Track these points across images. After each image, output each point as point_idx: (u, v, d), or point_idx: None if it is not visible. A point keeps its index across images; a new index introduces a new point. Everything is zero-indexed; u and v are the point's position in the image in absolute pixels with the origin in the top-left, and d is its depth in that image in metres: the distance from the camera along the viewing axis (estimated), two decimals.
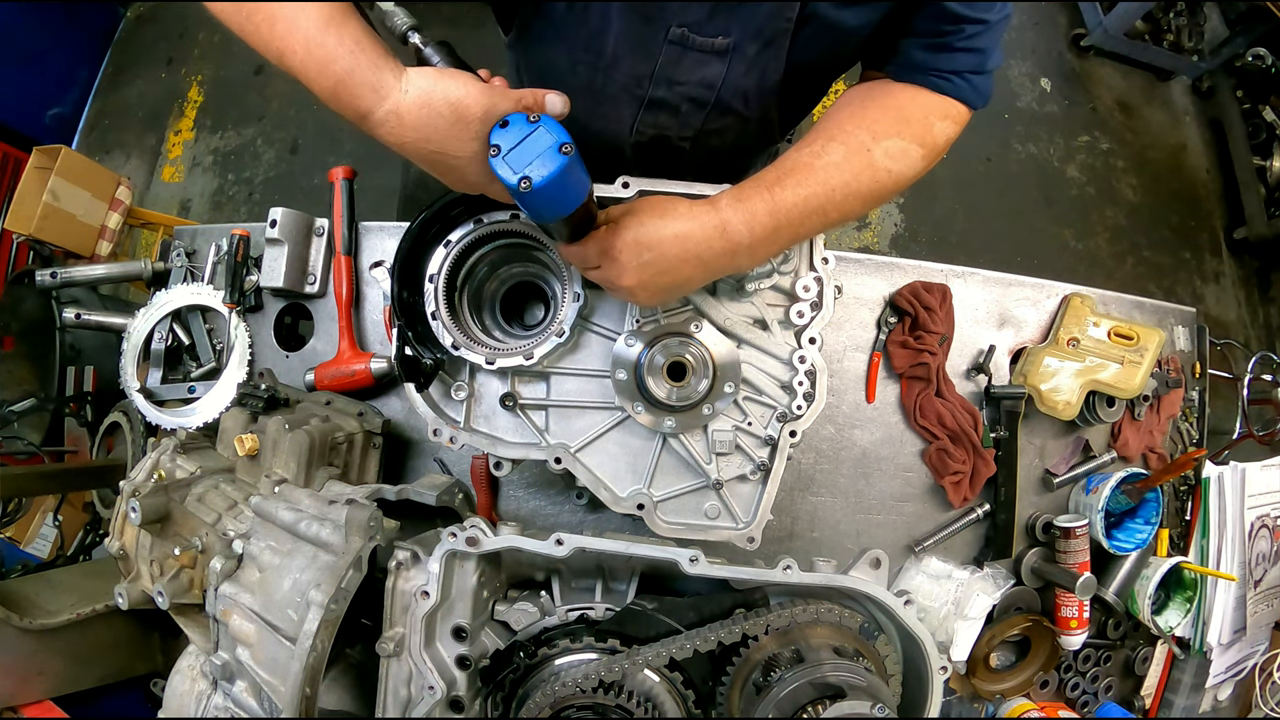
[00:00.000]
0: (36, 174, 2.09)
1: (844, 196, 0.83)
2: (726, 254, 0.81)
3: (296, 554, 0.84)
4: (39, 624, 1.06)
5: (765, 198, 0.80)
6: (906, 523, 1.27)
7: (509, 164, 0.66)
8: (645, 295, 0.82)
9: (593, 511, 1.21)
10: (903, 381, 1.26)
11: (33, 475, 1.36)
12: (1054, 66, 3.25)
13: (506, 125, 0.68)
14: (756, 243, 0.81)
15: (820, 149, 0.83)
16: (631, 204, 0.83)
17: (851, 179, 0.83)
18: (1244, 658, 1.43)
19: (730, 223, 0.79)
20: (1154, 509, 1.30)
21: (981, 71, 0.91)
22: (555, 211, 0.72)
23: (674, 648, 0.84)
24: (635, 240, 0.78)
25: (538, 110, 0.70)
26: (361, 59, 0.67)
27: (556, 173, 0.66)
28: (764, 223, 0.80)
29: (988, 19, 0.86)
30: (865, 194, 0.84)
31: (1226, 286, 3.16)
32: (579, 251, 0.82)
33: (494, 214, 0.93)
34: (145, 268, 1.32)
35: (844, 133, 0.85)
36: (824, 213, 0.83)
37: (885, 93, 0.90)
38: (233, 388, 1.19)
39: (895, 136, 0.85)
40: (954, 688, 1.27)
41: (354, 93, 0.67)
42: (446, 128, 0.68)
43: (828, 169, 0.82)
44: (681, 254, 0.79)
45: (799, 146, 0.85)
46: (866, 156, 0.84)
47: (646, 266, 0.79)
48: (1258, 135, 3.11)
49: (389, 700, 0.87)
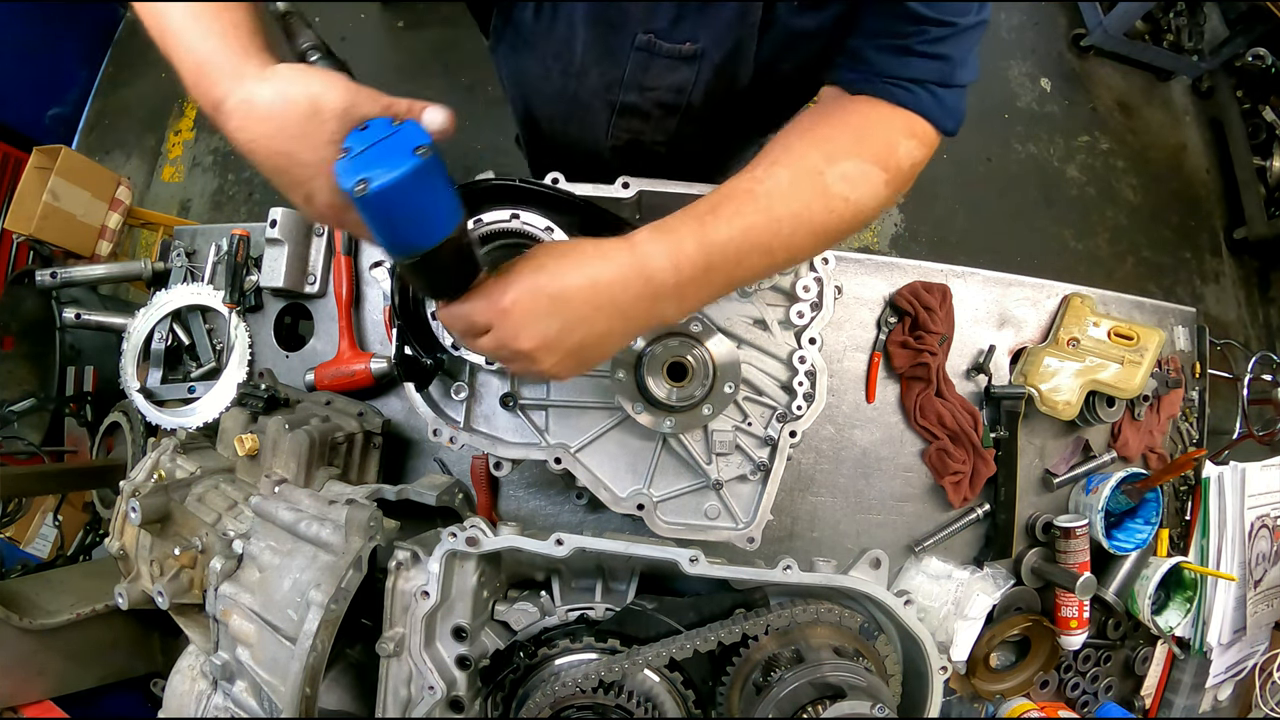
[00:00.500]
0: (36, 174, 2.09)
1: (792, 229, 0.69)
2: (649, 299, 0.66)
3: (296, 554, 0.84)
4: (39, 624, 1.06)
5: (694, 230, 0.67)
6: (906, 523, 1.27)
7: (353, 164, 0.54)
8: (552, 361, 0.67)
9: (593, 511, 1.21)
10: (903, 381, 1.26)
11: (33, 475, 1.36)
12: (1054, 66, 3.25)
13: (366, 128, 0.57)
14: (685, 285, 0.67)
15: (763, 174, 0.70)
16: (525, 253, 0.69)
17: (801, 208, 0.70)
18: (1244, 658, 1.43)
19: (651, 261, 0.66)
20: (1154, 509, 1.30)
21: (948, 84, 0.78)
22: (409, 237, 0.57)
23: (674, 648, 0.84)
24: (533, 290, 0.64)
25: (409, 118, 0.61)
26: (228, 43, 0.61)
27: (403, 176, 0.52)
28: (693, 260, 0.66)
29: (956, 22, 0.74)
30: (818, 227, 0.71)
31: (1226, 286, 3.16)
32: (460, 312, 0.66)
33: (494, 214, 0.93)
34: (145, 268, 1.32)
35: (791, 154, 0.72)
36: (768, 250, 0.69)
37: (840, 108, 0.78)
38: (233, 388, 1.19)
39: (853, 157, 0.72)
40: (954, 688, 1.27)
41: (211, 78, 0.60)
42: (299, 123, 0.58)
43: (772, 197, 0.69)
44: (593, 303, 0.65)
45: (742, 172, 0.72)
46: (819, 181, 0.70)
47: (550, 320, 0.64)
48: (1258, 135, 3.11)
49: (389, 700, 0.87)
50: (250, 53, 0.61)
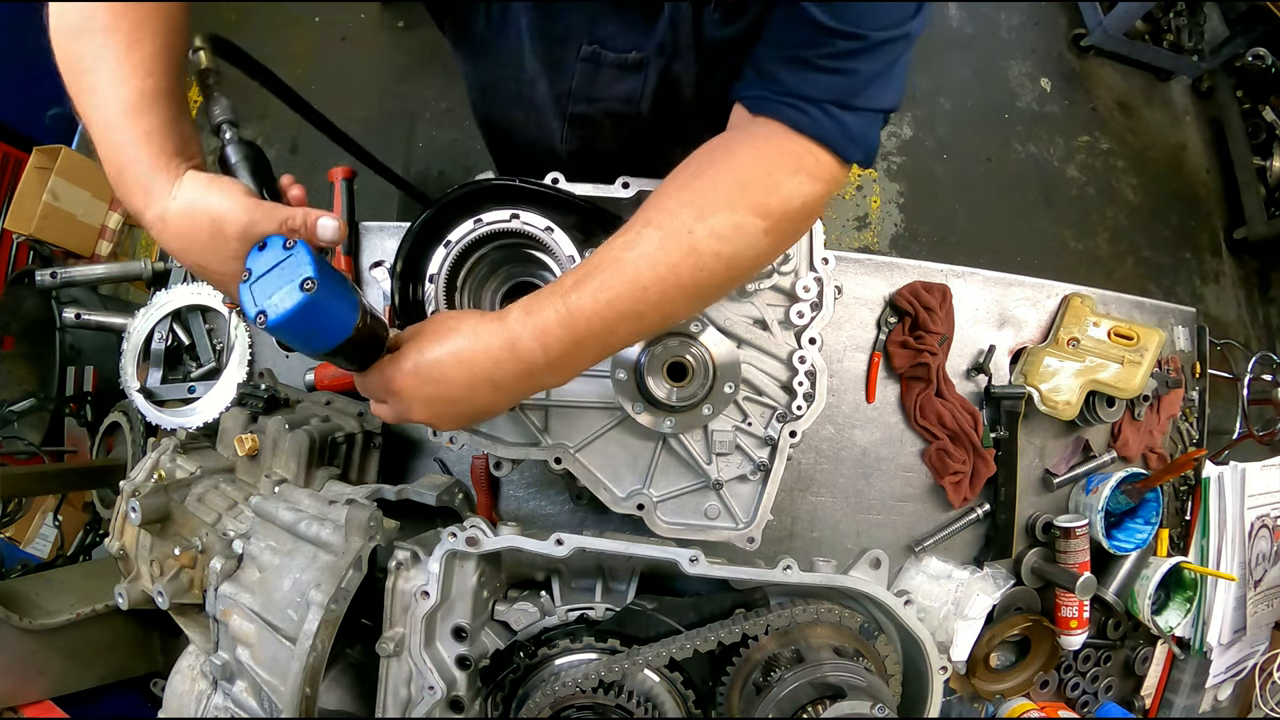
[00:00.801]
0: (36, 174, 2.09)
1: (660, 295, 0.68)
2: (523, 375, 0.69)
3: (296, 554, 0.84)
4: (39, 624, 1.06)
5: (559, 307, 0.67)
6: (906, 523, 1.27)
7: (253, 293, 0.61)
8: (445, 425, 0.74)
9: (593, 511, 1.21)
10: (903, 381, 1.26)
11: (33, 475, 1.36)
12: (1054, 66, 3.25)
13: (264, 248, 0.62)
14: (555, 360, 0.69)
15: (634, 237, 0.69)
16: (418, 325, 0.73)
17: (668, 272, 0.68)
18: (1244, 658, 1.43)
19: (519, 339, 0.68)
20: (1154, 509, 1.30)
21: (849, 106, 0.70)
22: (310, 346, 0.64)
23: (674, 648, 0.83)
24: (415, 370, 0.69)
25: (305, 234, 0.65)
26: (142, 155, 0.64)
27: (294, 310, 0.59)
28: (558, 337, 0.68)
29: (866, 35, 0.67)
30: (689, 286, 0.69)
31: (1226, 286, 3.16)
32: (365, 386, 0.73)
33: (494, 214, 0.93)
34: (145, 268, 1.32)
35: (664, 213, 0.70)
36: (638, 316, 0.69)
37: (727, 151, 0.73)
38: (233, 388, 1.19)
39: (725, 210, 0.69)
40: (954, 688, 1.27)
41: (128, 189, 0.65)
42: (206, 241, 0.65)
43: (639, 263, 0.68)
44: (469, 380, 0.69)
45: (617, 234, 0.71)
46: (688, 241, 0.68)
47: (432, 400, 0.70)
48: (1258, 135, 3.12)
49: (389, 700, 0.86)
50: (159, 166, 0.65)
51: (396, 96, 2.83)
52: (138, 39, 0.65)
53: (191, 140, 0.69)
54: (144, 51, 0.65)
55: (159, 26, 0.66)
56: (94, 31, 0.64)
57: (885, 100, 0.73)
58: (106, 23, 0.64)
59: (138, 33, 0.65)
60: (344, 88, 2.86)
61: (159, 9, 0.66)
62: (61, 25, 0.65)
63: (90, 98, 0.65)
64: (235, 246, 0.64)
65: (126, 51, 0.64)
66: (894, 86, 0.73)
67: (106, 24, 0.64)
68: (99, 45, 0.64)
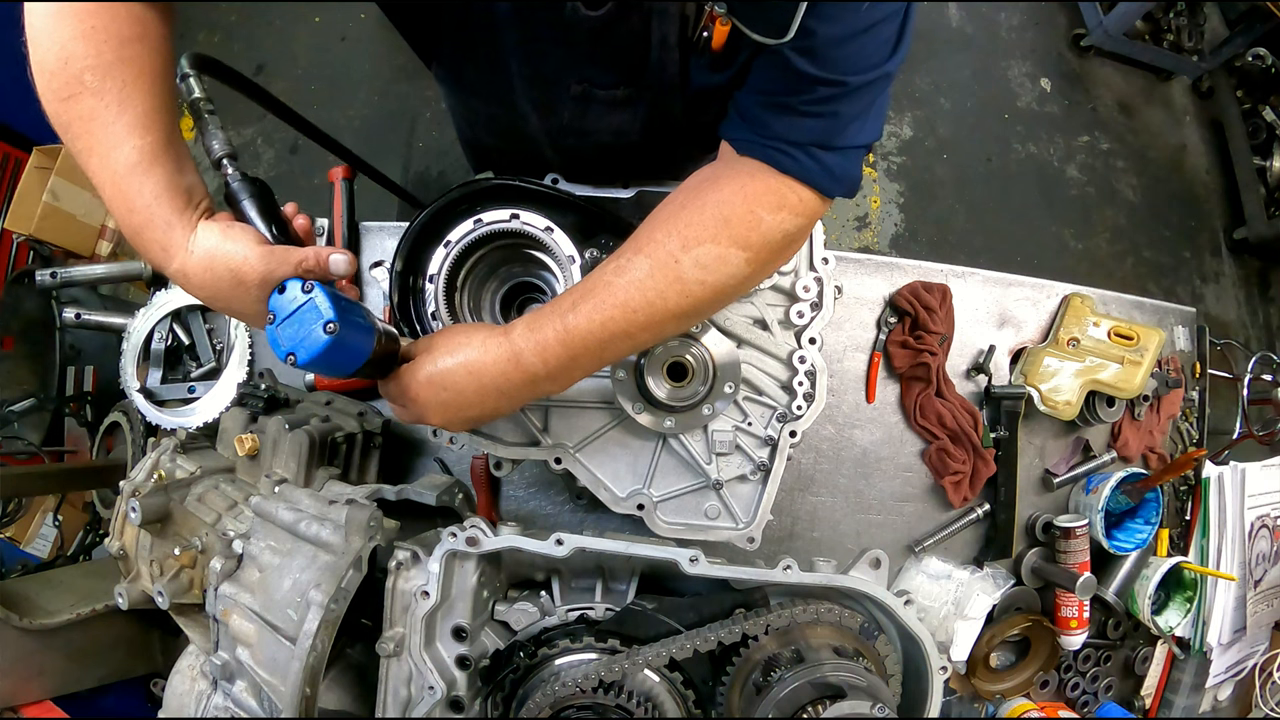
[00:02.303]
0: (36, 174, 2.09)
1: (648, 317, 0.74)
2: (526, 384, 0.77)
3: (296, 554, 0.84)
4: (39, 624, 1.06)
5: (557, 326, 0.74)
6: (906, 523, 1.27)
7: (280, 336, 0.67)
8: (457, 428, 0.82)
9: (593, 511, 1.21)
10: (903, 381, 1.26)
11: (33, 475, 1.36)
12: (1054, 66, 3.25)
13: (284, 290, 0.68)
14: (554, 373, 0.76)
15: (625, 263, 0.75)
16: (431, 337, 0.80)
17: (656, 297, 0.74)
18: (1244, 658, 1.43)
19: (523, 353, 0.75)
20: (1154, 509, 1.30)
21: (831, 146, 0.73)
22: (334, 372, 0.73)
23: (674, 648, 0.83)
24: (428, 379, 0.76)
25: (319, 274, 0.70)
26: (156, 215, 0.67)
27: (319, 351, 0.66)
28: (556, 352, 0.75)
29: (845, 81, 0.69)
30: (675, 311, 0.75)
31: (1226, 286, 3.16)
32: (386, 390, 0.80)
33: (494, 214, 0.93)
34: (145, 268, 1.32)
35: (653, 243, 0.75)
36: (629, 335, 0.75)
37: (713, 185, 0.76)
38: (233, 388, 1.19)
39: (709, 243, 0.73)
40: (954, 688, 1.27)
41: (147, 247, 0.69)
42: (229, 290, 0.69)
43: (629, 288, 0.74)
44: (479, 388, 0.76)
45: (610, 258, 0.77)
46: (674, 270, 0.73)
47: (446, 405, 0.77)
48: (1258, 135, 3.11)
49: (389, 700, 0.87)
50: (173, 224, 0.68)
51: (396, 96, 2.83)
52: (128, 97, 0.65)
53: (197, 187, 0.72)
54: (137, 110, 0.66)
55: (148, 80, 0.67)
56: (83, 95, 0.65)
57: (865, 137, 0.76)
58: (94, 86, 0.64)
59: (127, 91, 0.65)
60: (344, 88, 2.86)
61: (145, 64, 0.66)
62: (49, 90, 0.66)
63: (91, 160, 0.66)
64: (256, 293, 0.69)
65: (119, 113, 0.65)
66: (874, 123, 0.76)
67: (95, 87, 0.64)
68: (90, 108, 0.65)
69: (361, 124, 2.80)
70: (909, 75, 3.04)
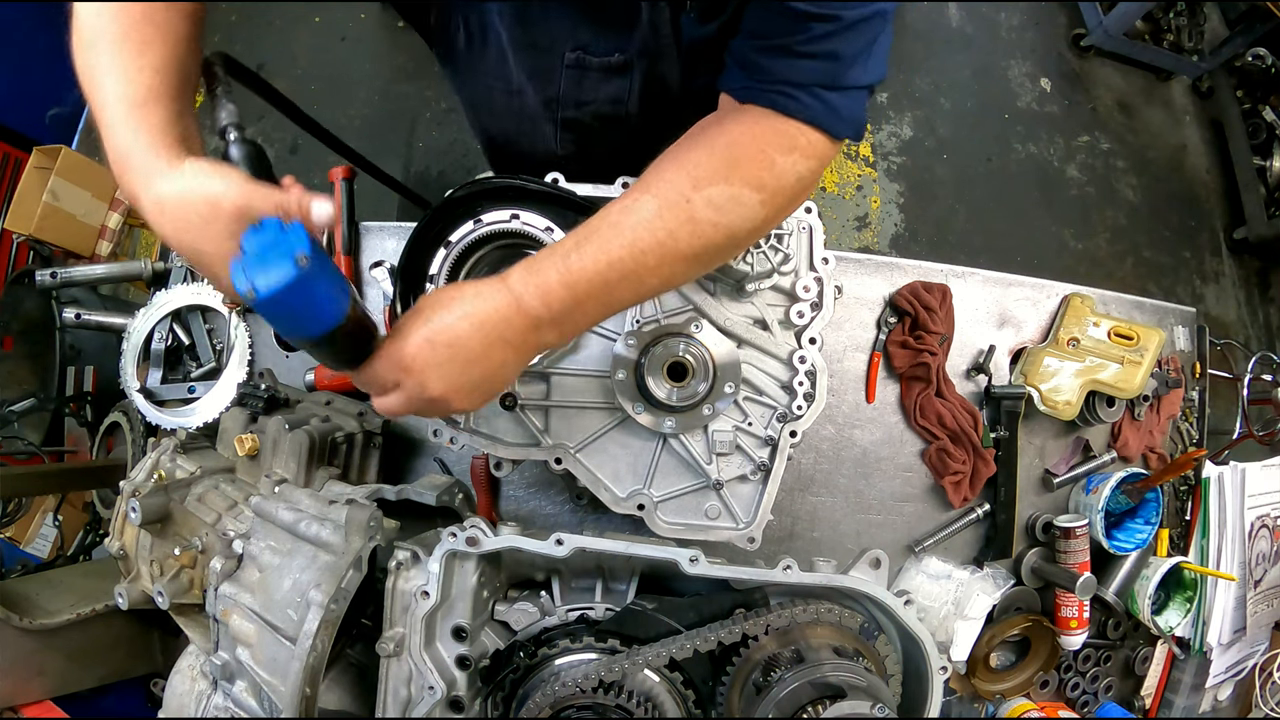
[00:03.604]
0: (36, 174, 2.09)
1: (659, 259, 0.71)
2: (530, 330, 0.71)
3: (296, 554, 0.84)
4: (39, 624, 1.06)
5: (559, 267, 0.70)
6: (906, 523, 1.27)
7: (245, 269, 0.60)
8: (462, 399, 0.72)
9: (593, 511, 1.21)
10: (903, 381, 1.26)
11: (33, 475, 1.36)
12: (1054, 66, 3.24)
13: (260, 227, 0.61)
14: (558, 317, 0.71)
15: (631, 203, 0.71)
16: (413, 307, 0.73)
17: (666, 237, 0.70)
18: (1244, 658, 1.43)
19: (523, 297, 0.70)
20: (1154, 509, 1.30)
21: (836, 86, 0.72)
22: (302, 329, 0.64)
23: (674, 648, 0.84)
24: (428, 340, 0.68)
25: (300, 214, 0.65)
26: (143, 142, 0.65)
27: (285, 285, 0.58)
28: (559, 295, 0.70)
29: (839, 15, 0.69)
30: (687, 253, 0.72)
31: (1226, 286, 3.16)
32: (368, 377, 0.71)
33: (494, 214, 0.93)
34: (145, 268, 1.32)
35: (662, 183, 0.72)
36: (637, 278, 0.71)
37: (720, 129, 0.75)
38: (233, 388, 1.19)
39: (722, 183, 0.71)
40: (954, 688, 1.27)
41: (128, 173, 0.66)
42: (200, 224, 0.64)
43: (637, 228, 0.70)
44: (484, 340, 0.69)
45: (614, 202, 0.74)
46: (685, 209, 0.70)
47: (450, 365, 0.69)
48: (1258, 135, 3.11)
49: (389, 700, 0.87)
50: (161, 150, 0.66)
51: (396, 96, 2.83)
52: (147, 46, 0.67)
53: (194, 137, 0.70)
54: (152, 56, 0.67)
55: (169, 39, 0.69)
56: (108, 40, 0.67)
57: (869, 77, 0.74)
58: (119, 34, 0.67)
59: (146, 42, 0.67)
60: (344, 88, 2.86)
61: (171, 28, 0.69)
62: (80, 38, 0.68)
63: (100, 94, 0.67)
64: (231, 226, 0.63)
65: (135, 56, 0.67)
66: (876, 62, 0.74)
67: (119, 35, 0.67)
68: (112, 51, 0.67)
69: (362, 124, 2.79)
70: (909, 75, 3.04)
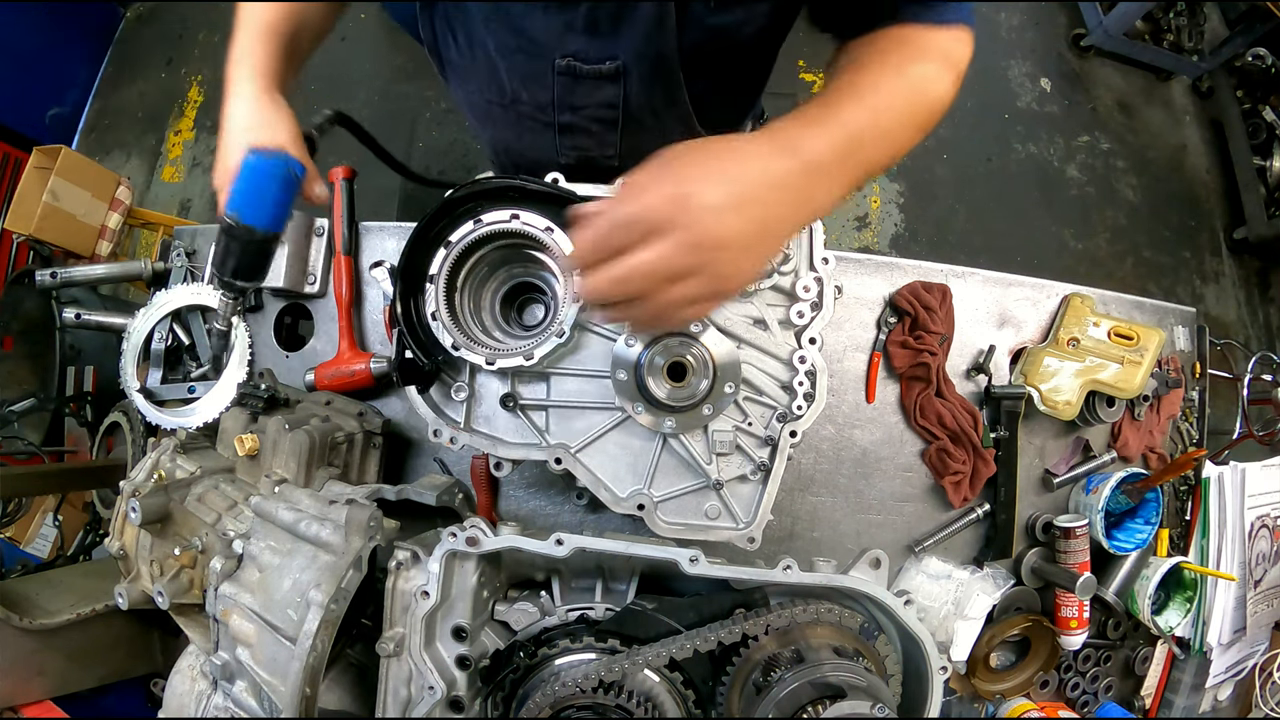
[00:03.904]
0: (36, 174, 2.09)
1: (897, 120, 0.72)
2: (812, 175, 0.63)
3: (296, 554, 0.84)
4: (39, 624, 1.06)
5: (828, 114, 0.67)
6: (906, 523, 1.27)
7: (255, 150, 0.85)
8: (743, 259, 0.59)
9: (593, 511, 1.21)
10: (903, 381, 1.26)
11: (33, 475, 1.36)
12: (1054, 66, 3.25)
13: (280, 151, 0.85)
14: (834, 166, 0.65)
15: (852, 78, 0.71)
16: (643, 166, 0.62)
17: (899, 100, 0.72)
18: (1244, 658, 1.43)
19: (804, 143, 0.62)
20: (1154, 509, 1.30)
21: None
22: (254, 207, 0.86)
23: (674, 648, 0.84)
24: (707, 173, 0.57)
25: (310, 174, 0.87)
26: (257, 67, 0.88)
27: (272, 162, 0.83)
28: (838, 136, 0.65)
29: None
30: (910, 121, 0.74)
31: (1226, 286, 3.16)
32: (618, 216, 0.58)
33: (494, 214, 0.93)
34: (145, 268, 1.32)
35: (869, 65, 0.74)
36: (890, 136, 0.71)
37: (873, 46, 0.77)
38: (233, 388, 1.19)
39: (920, 61, 0.75)
40: (954, 688, 1.27)
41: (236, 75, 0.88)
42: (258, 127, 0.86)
43: (876, 92, 0.70)
44: (762, 178, 0.58)
45: (822, 88, 0.73)
46: (903, 80, 0.73)
47: (731, 197, 0.56)
48: (1258, 135, 3.11)
49: (389, 700, 0.87)
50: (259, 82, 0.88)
51: (396, 96, 2.83)
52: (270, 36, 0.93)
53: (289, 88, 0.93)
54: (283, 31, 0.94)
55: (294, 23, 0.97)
56: None
57: None
58: None
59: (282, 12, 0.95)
60: (344, 88, 2.86)
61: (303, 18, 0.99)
62: None
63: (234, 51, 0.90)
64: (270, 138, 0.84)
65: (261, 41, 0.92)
66: None
67: None
68: None
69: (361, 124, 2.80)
70: None
